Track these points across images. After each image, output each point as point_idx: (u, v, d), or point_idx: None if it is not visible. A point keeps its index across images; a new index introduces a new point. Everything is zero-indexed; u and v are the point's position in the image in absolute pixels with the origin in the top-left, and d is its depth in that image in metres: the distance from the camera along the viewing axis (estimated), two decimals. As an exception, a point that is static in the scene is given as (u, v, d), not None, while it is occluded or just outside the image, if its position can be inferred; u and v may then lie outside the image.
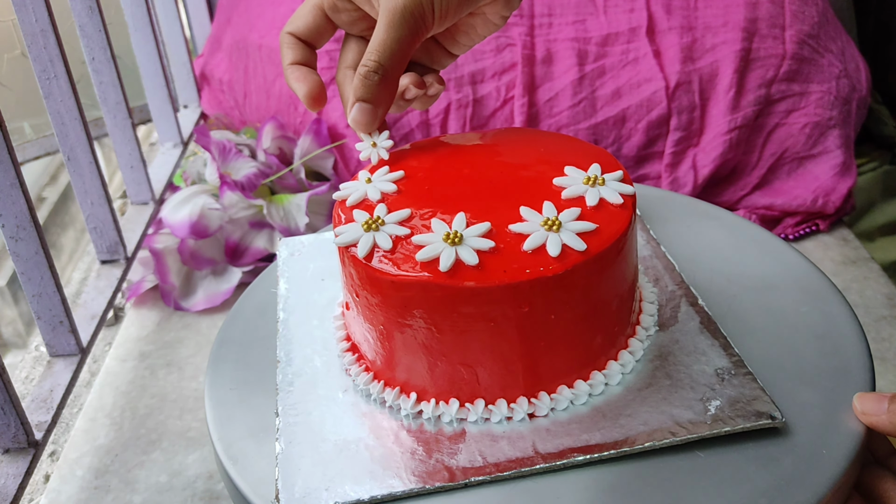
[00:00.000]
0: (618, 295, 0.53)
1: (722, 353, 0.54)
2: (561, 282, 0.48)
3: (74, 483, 0.76)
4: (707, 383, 0.52)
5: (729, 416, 0.50)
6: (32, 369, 0.99)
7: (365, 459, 0.50)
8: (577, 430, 0.50)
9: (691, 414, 0.50)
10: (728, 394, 0.51)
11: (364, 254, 0.50)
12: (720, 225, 0.69)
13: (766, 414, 0.49)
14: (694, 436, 0.49)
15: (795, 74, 1.02)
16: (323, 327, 0.61)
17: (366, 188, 0.55)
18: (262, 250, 0.98)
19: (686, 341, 0.56)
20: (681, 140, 1.02)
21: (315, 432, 0.52)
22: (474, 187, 0.55)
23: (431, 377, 0.52)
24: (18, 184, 0.69)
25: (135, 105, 1.19)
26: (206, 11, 1.36)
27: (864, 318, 0.87)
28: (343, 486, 0.49)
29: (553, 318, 0.49)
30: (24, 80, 1.12)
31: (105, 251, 0.91)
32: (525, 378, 0.51)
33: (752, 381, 0.52)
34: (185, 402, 0.84)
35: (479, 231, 0.50)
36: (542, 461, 0.49)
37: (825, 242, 0.99)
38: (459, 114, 1.04)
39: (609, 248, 0.50)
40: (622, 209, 0.52)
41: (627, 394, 0.53)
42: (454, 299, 0.48)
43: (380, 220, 0.52)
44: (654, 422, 0.50)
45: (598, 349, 0.53)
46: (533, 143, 0.59)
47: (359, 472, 0.49)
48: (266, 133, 1.07)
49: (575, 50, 1.04)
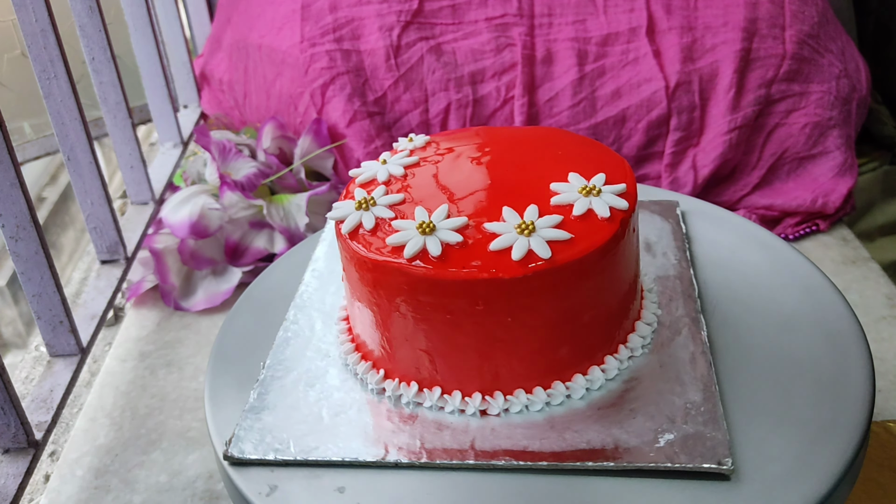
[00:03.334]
0: (592, 308, 0.52)
1: (700, 388, 0.52)
2: (519, 286, 0.49)
3: (74, 483, 0.76)
4: (670, 415, 0.51)
5: (676, 452, 0.48)
6: (32, 369, 0.99)
7: (320, 424, 0.53)
8: (520, 435, 0.51)
9: (638, 442, 0.49)
10: (686, 430, 0.49)
11: (347, 230, 0.53)
12: (720, 225, 0.69)
13: (716, 458, 0.47)
14: (628, 465, 0.48)
15: (795, 74, 1.02)
16: (338, 294, 0.63)
17: (378, 169, 0.58)
18: (262, 250, 0.98)
19: (670, 369, 0.54)
20: (681, 140, 1.02)
21: (287, 391, 0.56)
22: (475, 182, 0.56)
23: (397, 358, 0.54)
24: (18, 184, 0.69)
25: (135, 105, 1.19)
26: (206, 11, 1.36)
27: (864, 318, 0.87)
28: (289, 444, 0.52)
29: (510, 321, 0.50)
30: (24, 80, 1.12)
31: (105, 251, 0.91)
32: (482, 375, 0.52)
33: (717, 421, 0.50)
34: (185, 402, 0.84)
35: (453, 224, 0.51)
36: (473, 458, 0.50)
37: (825, 242, 0.99)
38: (459, 114, 1.04)
39: (580, 260, 0.49)
40: (608, 223, 0.51)
41: (587, 409, 0.52)
42: (414, 287, 0.50)
43: (371, 201, 0.54)
44: (598, 442, 0.50)
45: (564, 360, 0.52)
46: (555, 146, 0.59)
47: (308, 434, 0.53)
48: (266, 133, 1.07)
49: (575, 50, 1.04)
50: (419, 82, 1.04)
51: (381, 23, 1.05)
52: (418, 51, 1.05)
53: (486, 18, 1.06)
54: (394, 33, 1.05)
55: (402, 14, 1.06)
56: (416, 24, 1.06)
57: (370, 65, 1.05)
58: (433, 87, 1.04)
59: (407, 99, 1.05)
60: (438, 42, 1.05)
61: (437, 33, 1.06)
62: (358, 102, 1.05)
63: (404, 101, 1.05)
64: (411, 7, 1.06)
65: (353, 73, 1.05)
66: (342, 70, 1.05)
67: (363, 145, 1.04)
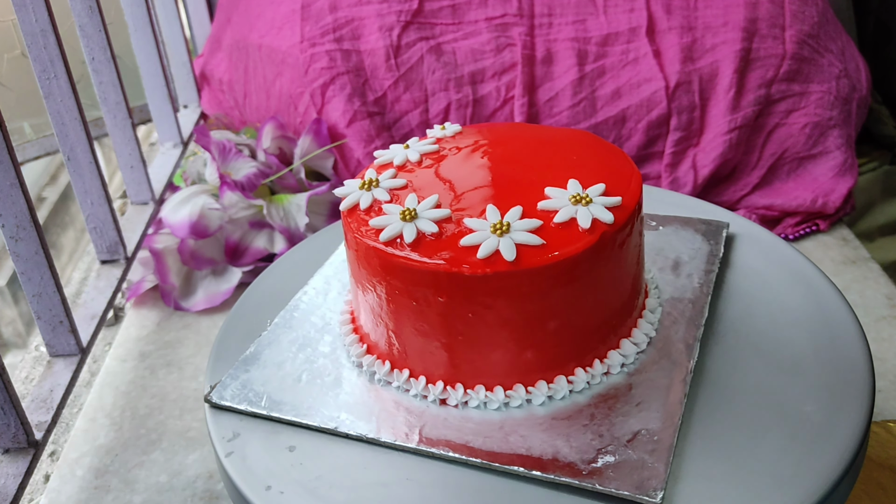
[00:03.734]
0: (561, 318, 0.51)
1: (663, 416, 0.50)
2: (480, 284, 0.49)
3: (74, 483, 0.76)
4: (620, 437, 0.50)
5: (610, 475, 0.47)
6: (32, 369, 0.99)
7: (296, 386, 0.56)
8: (468, 430, 0.51)
9: (576, 458, 0.48)
10: (629, 455, 0.48)
11: (345, 207, 0.55)
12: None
13: (646, 490, 0.46)
14: (555, 478, 0.48)
15: (795, 74, 1.02)
16: None
17: (398, 153, 0.60)
18: (262, 250, 0.98)
19: (643, 393, 0.53)
20: (681, 140, 1.02)
21: (280, 349, 0.59)
22: (479, 178, 0.56)
23: (375, 336, 0.56)
24: (18, 184, 0.69)
25: (135, 105, 1.19)
26: (206, 11, 1.36)
27: (864, 318, 0.87)
28: (262, 398, 0.55)
29: (471, 317, 0.50)
30: (24, 80, 1.12)
31: (105, 251, 0.91)
32: (445, 365, 0.53)
33: (664, 452, 0.48)
34: (185, 402, 0.84)
35: (434, 215, 0.52)
36: (416, 442, 0.51)
37: (825, 242, 0.99)
38: (459, 114, 1.04)
39: (546, 267, 0.49)
40: (586, 234, 0.50)
41: (543, 417, 0.52)
42: (386, 270, 0.51)
43: (375, 182, 0.56)
44: (537, 451, 0.49)
45: (528, 364, 0.52)
46: (576, 150, 0.58)
47: (281, 393, 0.56)
48: (266, 133, 1.07)
49: (575, 50, 1.04)
50: (419, 82, 1.04)
51: (381, 23, 1.05)
52: (418, 51, 1.05)
53: (486, 18, 1.06)
54: (394, 33, 1.05)
55: (402, 14, 1.06)
56: (416, 24, 1.06)
57: (370, 65, 1.05)
58: (433, 87, 1.04)
59: (407, 99, 1.05)
60: (438, 42, 1.05)
61: (437, 33, 1.06)
62: (358, 102, 1.05)
63: (404, 101, 1.05)
64: (411, 7, 1.06)
65: (353, 73, 1.05)
66: (342, 70, 1.05)
67: (363, 145, 1.04)
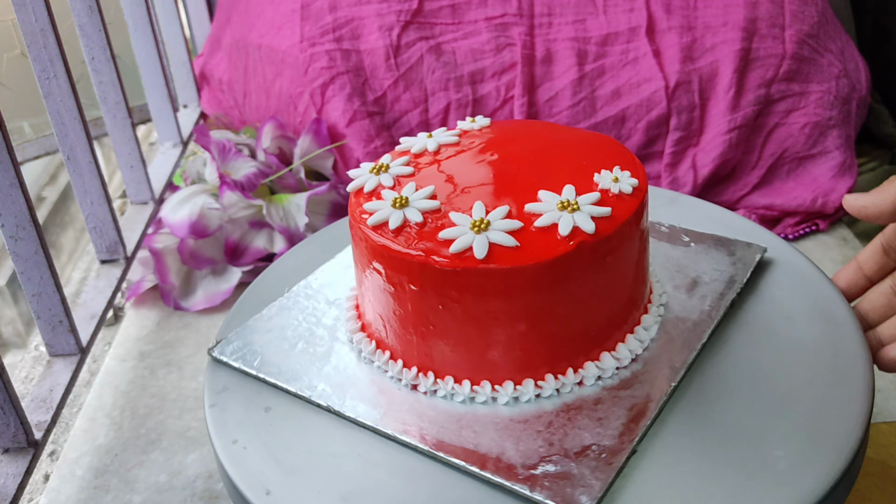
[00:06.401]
0: (530, 321, 0.51)
1: (616, 435, 0.49)
2: (448, 277, 0.50)
3: (74, 483, 0.76)
4: (569, 449, 0.49)
5: (543, 484, 0.47)
6: (32, 369, 0.99)
7: (291, 351, 0.59)
8: (427, 419, 0.52)
9: (519, 461, 0.48)
10: (571, 467, 0.47)
11: (352, 188, 0.57)
12: (720, 224, 0.69)
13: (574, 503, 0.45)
14: (490, 476, 0.48)
15: (795, 74, 1.02)
16: None
17: (417, 142, 0.61)
18: (262, 250, 0.98)
19: (606, 408, 0.51)
20: (680, 140, 1.02)
21: (288, 316, 0.62)
22: (483, 175, 0.57)
23: (371, 319, 0.57)
24: (18, 183, 0.69)
25: (135, 105, 1.19)
26: (206, 11, 1.36)
27: (864, 317, 0.87)
28: (256, 358, 0.58)
29: (441, 309, 0.51)
30: (23, 79, 1.12)
31: (105, 251, 0.91)
32: (419, 352, 0.54)
33: (608, 470, 0.47)
34: (184, 402, 0.84)
35: (425, 206, 0.53)
36: (374, 422, 0.52)
37: (825, 242, 0.99)
38: (459, 113, 1.04)
39: (512, 269, 0.49)
40: (560, 241, 0.50)
41: (504, 417, 0.52)
42: (371, 253, 0.53)
43: (385, 167, 0.58)
44: (484, 447, 0.49)
45: (495, 363, 0.52)
46: (593, 155, 0.58)
47: (274, 356, 0.58)
48: (266, 133, 1.07)
49: (575, 50, 1.04)
50: (419, 82, 1.04)
51: (380, 22, 1.05)
52: (418, 50, 1.05)
53: (485, 18, 1.06)
54: (393, 33, 1.05)
55: (402, 14, 1.06)
56: (415, 23, 1.06)
57: (370, 64, 1.05)
58: (433, 86, 1.04)
59: (407, 99, 1.05)
60: (438, 42, 1.05)
61: (437, 33, 1.06)
62: (358, 102, 1.05)
63: (404, 100, 1.05)
64: (411, 7, 1.06)
65: (353, 72, 1.05)
66: (342, 70, 1.05)
67: (363, 145, 1.04)
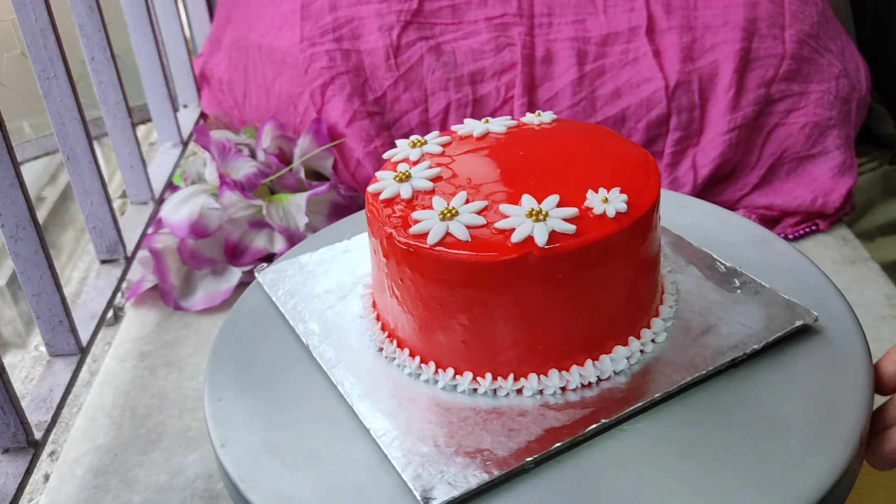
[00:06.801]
0: (511, 324, 0.52)
1: (514, 450, 0.51)
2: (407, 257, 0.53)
3: (74, 483, 0.76)
4: (464, 447, 0.51)
5: (418, 469, 0.50)
6: (32, 369, 0.99)
7: (325, 311, 0.63)
8: (419, 405, 0.55)
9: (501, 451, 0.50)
10: (452, 463, 0.50)
11: (371, 190, 0.58)
12: (720, 224, 0.69)
13: (425, 489, 0.48)
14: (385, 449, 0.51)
15: (795, 74, 1.02)
16: None
17: (475, 126, 0.63)
18: (262, 250, 0.98)
19: (528, 424, 0.53)
20: (680, 140, 1.02)
21: (319, 299, 0.65)
22: (488, 173, 0.58)
23: (383, 307, 0.59)
24: (18, 183, 0.69)
25: (134, 105, 1.19)
26: (206, 11, 1.36)
27: (864, 318, 0.86)
28: (292, 301, 0.64)
29: (423, 293, 0.53)
30: (23, 79, 1.12)
31: (105, 251, 0.91)
32: (421, 340, 0.56)
33: (480, 477, 0.49)
34: (184, 402, 0.84)
35: (422, 186, 0.56)
36: (354, 399, 0.55)
37: (825, 242, 0.99)
38: (459, 113, 1.04)
39: (454, 263, 0.51)
40: (516, 246, 0.50)
41: (480, 408, 0.54)
42: (372, 232, 0.56)
43: (422, 142, 0.61)
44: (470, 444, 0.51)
45: (475, 353, 0.54)
46: (607, 164, 0.58)
47: (309, 310, 0.63)
48: (266, 133, 1.07)
49: (575, 50, 1.04)
50: (419, 82, 1.04)
51: (380, 22, 1.05)
52: (418, 50, 1.05)
53: (485, 18, 1.06)
54: (393, 33, 1.05)
55: (402, 14, 1.06)
56: (415, 23, 1.06)
57: (370, 64, 1.05)
58: (433, 86, 1.04)
59: (407, 99, 1.05)
60: (438, 42, 1.05)
61: (437, 33, 1.06)
62: (358, 102, 1.05)
63: (404, 100, 1.05)
64: (411, 7, 1.06)
65: (353, 72, 1.05)
66: (342, 70, 1.05)
67: (363, 145, 1.04)
